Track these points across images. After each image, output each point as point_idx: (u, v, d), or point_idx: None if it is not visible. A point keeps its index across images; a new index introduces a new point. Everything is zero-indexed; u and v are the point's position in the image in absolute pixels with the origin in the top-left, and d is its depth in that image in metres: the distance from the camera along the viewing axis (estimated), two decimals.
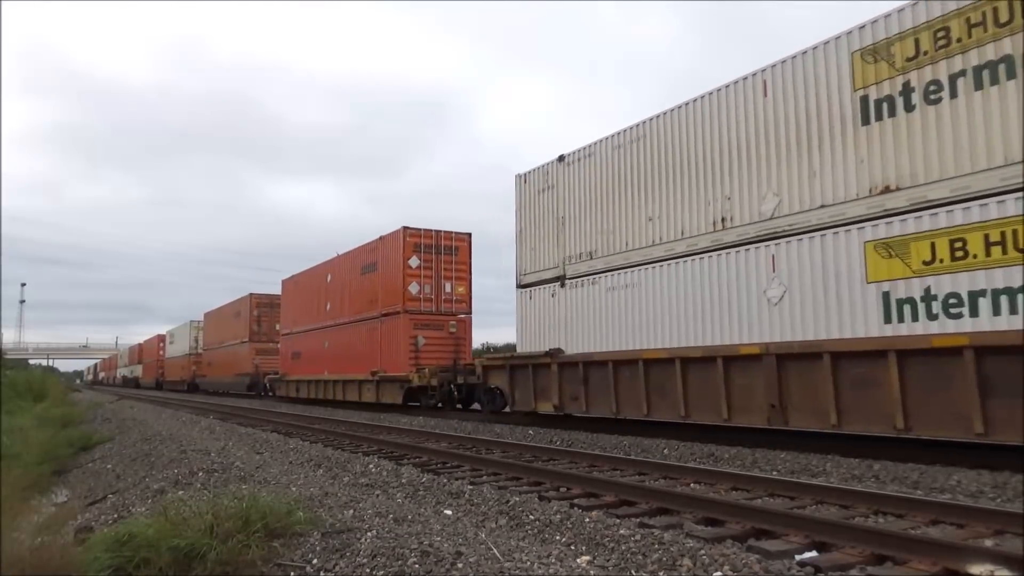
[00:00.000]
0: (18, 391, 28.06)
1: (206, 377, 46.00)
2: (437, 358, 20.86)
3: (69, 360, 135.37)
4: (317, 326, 27.52)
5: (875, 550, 4.68)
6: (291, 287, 31.70)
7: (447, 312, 21.98)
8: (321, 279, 27.73)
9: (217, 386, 43.23)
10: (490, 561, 4.30)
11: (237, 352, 38.86)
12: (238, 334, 38.99)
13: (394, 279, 21.70)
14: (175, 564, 4.61)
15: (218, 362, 43.30)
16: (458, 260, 22.36)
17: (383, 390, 21.70)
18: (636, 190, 13.09)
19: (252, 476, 7.99)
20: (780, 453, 9.51)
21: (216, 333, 44.42)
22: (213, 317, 45.90)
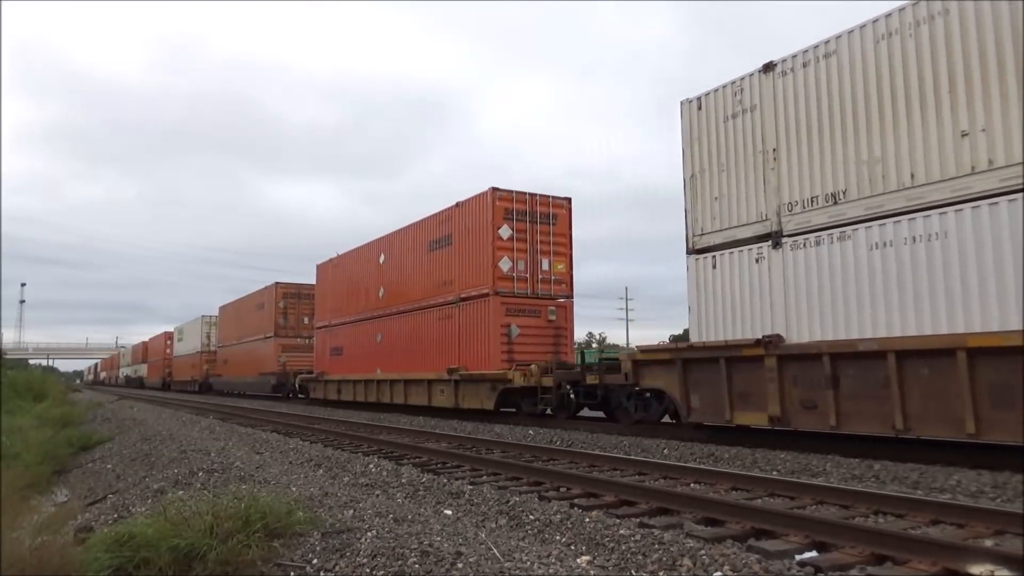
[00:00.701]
0: (18, 391, 28.06)
1: (221, 377, 42.30)
2: (533, 352, 16.99)
3: (69, 360, 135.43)
4: (365, 316, 23.61)
5: (875, 550, 4.67)
6: (329, 272, 27.31)
7: (544, 295, 17.90)
8: (370, 261, 23.73)
9: (235, 387, 39.73)
10: (490, 561, 4.30)
11: (260, 349, 34.98)
12: (261, 328, 35.09)
13: (480, 253, 17.68)
14: (175, 564, 4.62)
15: (236, 360, 39.30)
16: (556, 231, 18.27)
17: (465, 392, 17.66)
18: (931, 94, 8.87)
19: (252, 476, 7.99)
20: (780, 453, 9.51)
21: (234, 328, 40.34)
22: (230, 311, 42.04)
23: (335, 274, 26.85)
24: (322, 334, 27.37)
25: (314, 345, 28.83)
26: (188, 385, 49.43)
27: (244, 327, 38.09)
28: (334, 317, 26.32)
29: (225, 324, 43.05)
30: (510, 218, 17.49)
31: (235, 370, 39.38)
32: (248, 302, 38.23)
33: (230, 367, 40.57)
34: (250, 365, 36.35)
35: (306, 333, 32.56)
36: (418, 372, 19.88)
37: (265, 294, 35.33)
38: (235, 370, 39.38)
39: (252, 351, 36.23)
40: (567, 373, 15.16)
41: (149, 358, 65.45)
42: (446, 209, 19.46)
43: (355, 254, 25.20)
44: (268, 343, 33.88)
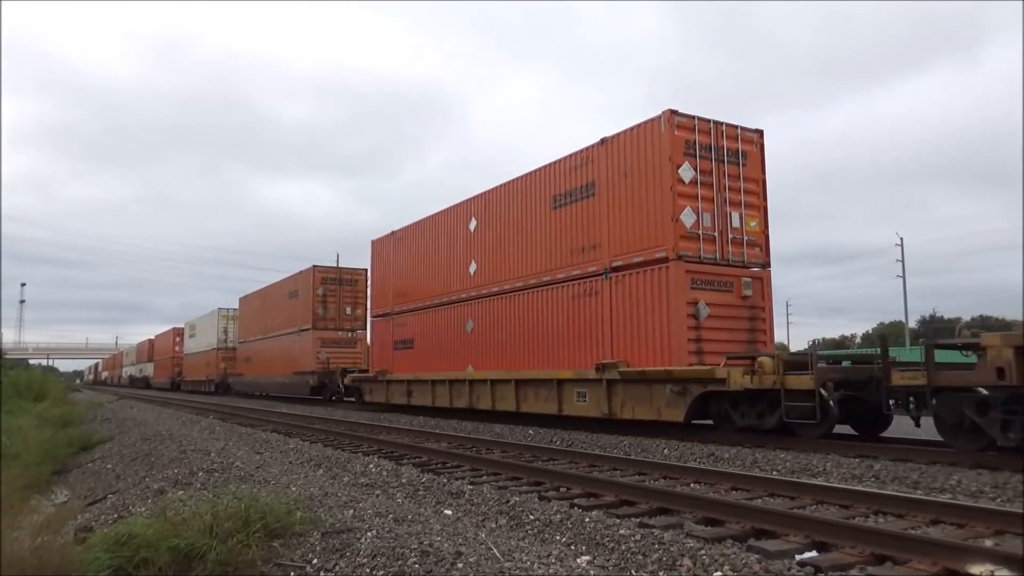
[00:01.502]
0: (18, 391, 28.07)
1: (243, 376, 37.42)
2: (725, 341, 12.20)
3: (68, 360, 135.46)
4: (448, 300, 18.69)
5: (875, 550, 4.68)
6: (390, 249, 22.24)
7: (736, 262, 12.72)
8: (453, 230, 18.83)
9: (261, 387, 34.91)
10: (490, 561, 4.30)
11: (294, 344, 29.92)
12: (295, 320, 30.11)
13: (650, 203, 12.58)
14: (175, 564, 4.62)
15: (262, 357, 34.40)
16: (747, 174, 13.08)
17: (625, 397, 12.67)
18: None
19: (252, 476, 7.99)
20: (780, 453, 9.51)
21: (258, 321, 35.44)
22: (254, 301, 37.06)
23: (399, 251, 21.75)
24: (381, 325, 22.56)
25: (369, 338, 24.54)
26: (202, 385, 45.24)
27: (272, 319, 33.23)
28: (399, 303, 21.43)
29: (247, 317, 37.94)
30: (691, 154, 12.46)
31: (261, 368, 34.51)
32: (277, 291, 33.19)
33: (254, 365, 35.66)
34: (280, 363, 31.41)
35: (348, 325, 28.93)
36: (539, 370, 14.87)
37: (300, 280, 30.18)
38: (261, 368, 34.51)
39: (283, 347, 31.31)
40: (834, 370, 10.49)
41: (156, 356, 61.89)
42: (583, 150, 14.30)
43: (429, 224, 20.17)
44: (305, 337, 28.81)
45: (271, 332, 33.37)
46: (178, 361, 52.99)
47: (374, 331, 23.56)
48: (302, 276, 30.16)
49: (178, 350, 53.33)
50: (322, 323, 28.72)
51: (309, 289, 29.04)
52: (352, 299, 29.47)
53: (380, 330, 22.86)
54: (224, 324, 42.61)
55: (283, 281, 32.88)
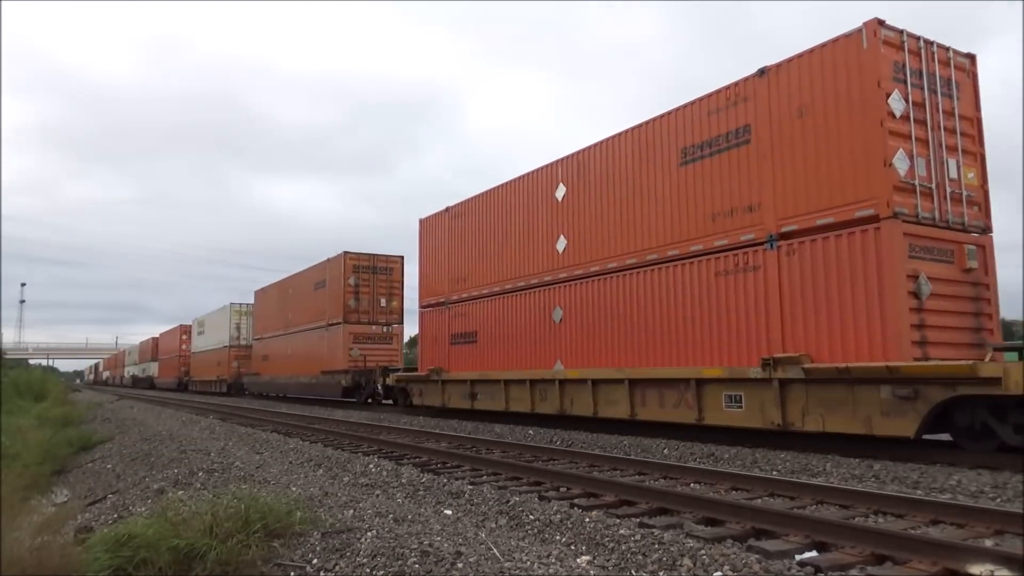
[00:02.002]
0: (18, 391, 28.08)
1: (260, 376, 34.57)
2: (948, 328, 9.39)
3: (68, 360, 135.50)
4: (527, 284, 15.77)
5: (875, 550, 4.68)
6: (444, 227, 19.36)
7: (956, 224, 9.84)
8: (532, 200, 15.89)
9: (281, 388, 31.81)
10: (490, 561, 4.30)
11: (322, 340, 26.76)
12: (322, 313, 27.04)
13: (851, 141, 9.61)
14: (175, 564, 4.62)
15: (282, 355, 31.38)
16: (962, 111, 10.24)
17: (811, 401, 9.71)
18: None
19: (252, 476, 7.99)
20: (780, 453, 9.51)
21: (277, 315, 32.48)
22: (272, 295, 34.19)
23: (457, 229, 18.85)
24: (434, 315, 19.44)
25: (417, 330, 20.78)
26: (212, 386, 42.23)
27: (295, 313, 30.25)
28: (457, 290, 18.57)
29: (264, 312, 35.00)
30: (901, 79, 9.60)
31: (281, 368, 31.38)
32: (301, 282, 30.02)
33: (273, 364, 32.64)
34: (305, 361, 28.31)
35: (383, 319, 26.09)
36: (669, 368, 11.92)
37: (328, 268, 26.93)
38: (281, 368, 31.38)
39: (308, 343, 28.19)
40: None
41: (160, 355, 58.96)
42: (728, 87, 11.38)
43: (498, 195, 17.29)
44: (335, 332, 25.66)
45: (293, 327, 30.12)
46: (185, 360, 50.36)
47: (424, 323, 19.96)
48: (331, 264, 26.73)
49: (185, 348, 50.77)
50: (354, 316, 25.44)
51: (339, 278, 25.66)
52: (387, 290, 26.31)
53: (432, 321, 19.50)
54: (237, 320, 39.38)
55: (308, 271, 29.39)
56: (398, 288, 26.91)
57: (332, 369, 25.64)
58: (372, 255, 26.40)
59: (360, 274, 26.00)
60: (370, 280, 26.21)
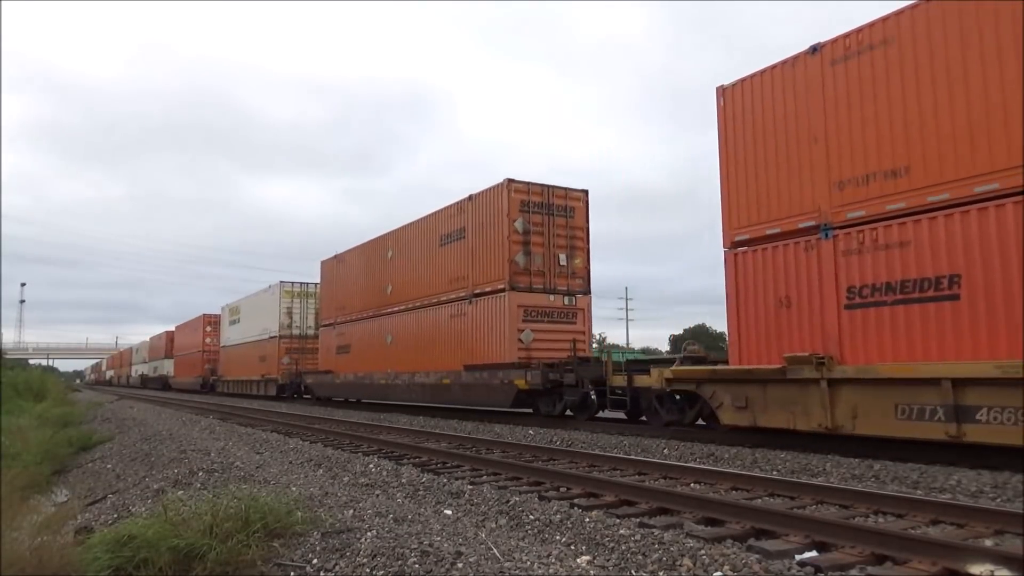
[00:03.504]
0: (18, 391, 28.08)
1: (335, 376, 24.99)
2: None
3: (68, 360, 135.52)
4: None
5: (875, 550, 4.67)
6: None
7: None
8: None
9: (378, 392, 22.20)
10: (490, 561, 4.30)
11: (461, 319, 17.98)
12: (460, 279, 18.21)
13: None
14: (175, 564, 4.62)
15: (377, 345, 22.22)
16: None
17: None
18: None
19: (252, 476, 7.99)
20: (780, 453, 9.51)
21: (363, 291, 23.60)
22: (352, 263, 24.67)
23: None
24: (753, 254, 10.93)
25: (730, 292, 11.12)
26: (252, 387, 34.36)
27: (402, 283, 21.12)
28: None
29: (339, 289, 25.57)
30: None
31: (375, 362, 22.16)
32: (412, 236, 20.76)
33: (359, 358, 23.47)
34: (425, 352, 19.32)
35: (563, 284, 16.95)
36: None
37: (475, 208, 17.75)
38: (375, 362, 22.16)
39: (434, 324, 19.17)
40: None
41: (177, 351, 51.73)
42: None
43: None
44: (492, 305, 16.83)
45: (398, 304, 21.08)
46: (211, 356, 43.00)
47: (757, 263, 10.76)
48: (484, 199, 17.45)
49: (210, 342, 43.49)
50: (523, 279, 16.37)
51: (498, 222, 16.71)
52: (567, 240, 17.06)
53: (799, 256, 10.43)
54: (288, 303, 31.62)
55: (429, 217, 19.98)
56: (582, 238, 17.41)
57: (490, 363, 16.51)
58: (545, 187, 16.97)
59: (530, 214, 16.55)
60: (545, 225, 16.74)
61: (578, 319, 17.21)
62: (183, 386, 48.18)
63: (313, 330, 30.88)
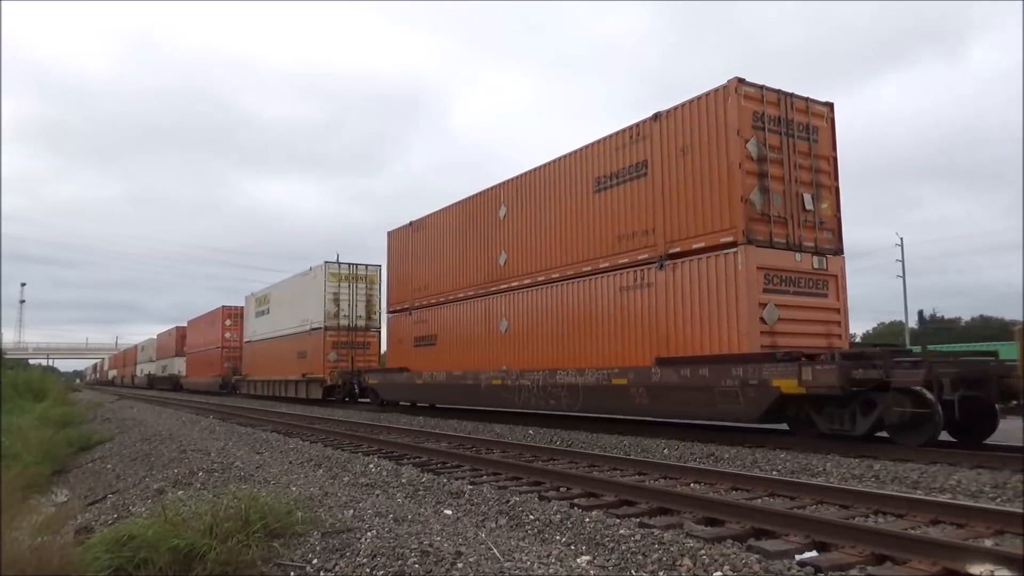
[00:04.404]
0: (18, 391, 28.08)
1: (411, 375, 19.76)
2: None
3: (68, 360, 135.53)
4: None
5: (875, 550, 4.67)
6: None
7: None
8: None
9: (481, 397, 16.79)
10: (490, 561, 4.30)
11: (651, 291, 12.54)
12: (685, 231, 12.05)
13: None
14: (175, 564, 4.62)
15: (491, 339, 16.95)
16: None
17: None
18: None
19: (252, 476, 7.99)
20: (780, 453, 9.51)
21: (452, 267, 18.78)
22: (437, 228, 19.63)
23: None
24: None
25: None
26: (288, 388, 29.20)
27: (533, 248, 15.80)
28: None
29: (419, 263, 20.38)
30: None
31: (477, 358, 17.31)
32: (545, 182, 15.61)
33: (452, 352, 18.44)
34: (593, 342, 13.83)
35: (808, 238, 11.74)
36: None
37: (684, 121, 12.22)
38: (477, 358, 17.31)
39: (592, 304, 13.93)
40: None
41: (190, 348, 47.57)
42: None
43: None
44: (726, 262, 11.26)
45: (524, 276, 15.92)
46: (232, 352, 38.80)
47: None
48: (687, 114, 12.22)
49: (230, 337, 39.17)
50: (762, 230, 11.22)
51: (725, 144, 11.44)
52: (811, 174, 11.96)
53: None
54: (335, 288, 26.46)
55: (571, 156, 14.81)
56: (829, 172, 12.30)
57: (712, 355, 11.30)
58: (781, 94, 11.86)
59: (765, 133, 11.48)
60: (784, 151, 11.66)
61: (830, 290, 11.94)
62: (198, 387, 43.44)
63: (364, 320, 26.89)
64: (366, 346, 26.53)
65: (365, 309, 27.26)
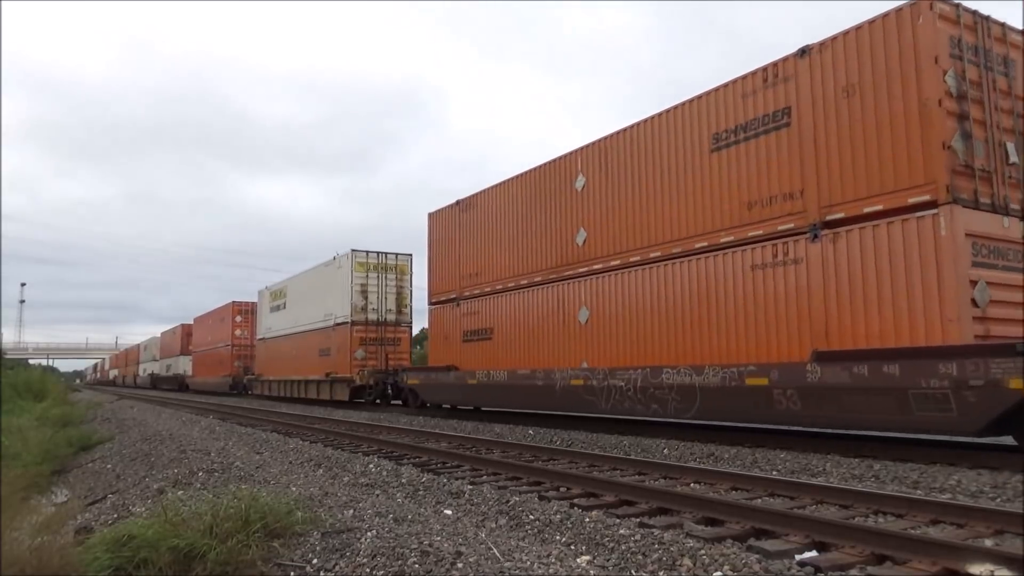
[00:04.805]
0: (18, 391, 28.09)
1: (462, 374, 17.40)
2: None
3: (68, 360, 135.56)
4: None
5: (875, 550, 4.67)
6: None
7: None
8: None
9: (553, 400, 14.39)
10: (490, 561, 4.30)
11: (800, 268, 10.10)
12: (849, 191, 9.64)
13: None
14: (175, 564, 4.62)
15: (566, 331, 14.35)
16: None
17: None
18: None
19: (252, 476, 7.99)
20: (780, 453, 9.51)
21: (512, 249, 16.37)
22: (492, 206, 17.28)
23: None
24: None
25: None
26: (310, 389, 26.83)
27: (625, 223, 13.33)
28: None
29: (468, 246, 18.04)
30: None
31: (546, 354, 14.93)
32: (638, 143, 13.16)
33: (513, 347, 16.04)
34: (714, 334, 11.33)
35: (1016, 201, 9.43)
36: None
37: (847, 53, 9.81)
38: (546, 354, 14.93)
39: (709, 287, 11.49)
40: None
41: (196, 347, 45.37)
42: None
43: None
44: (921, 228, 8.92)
45: (610, 257, 13.58)
46: (243, 351, 36.93)
47: None
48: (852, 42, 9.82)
49: (241, 335, 37.32)
50: (966, 186, 9.05)
51: (914, 75, 9.11)
52: (1012, 118, 9.81)
53: None
54: (362, 279, 24.20)
55: (677, 110, 12.48)
56: None
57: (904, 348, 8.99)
58: (977, 16, 9.65)
59: (964, 63, 9.28)
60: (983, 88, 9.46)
61: None
62: (206, 387, 41.34)
63: (394, 314, 24.66)
64: (396, 342, 24.33)
65: (395, 302, 24.88)
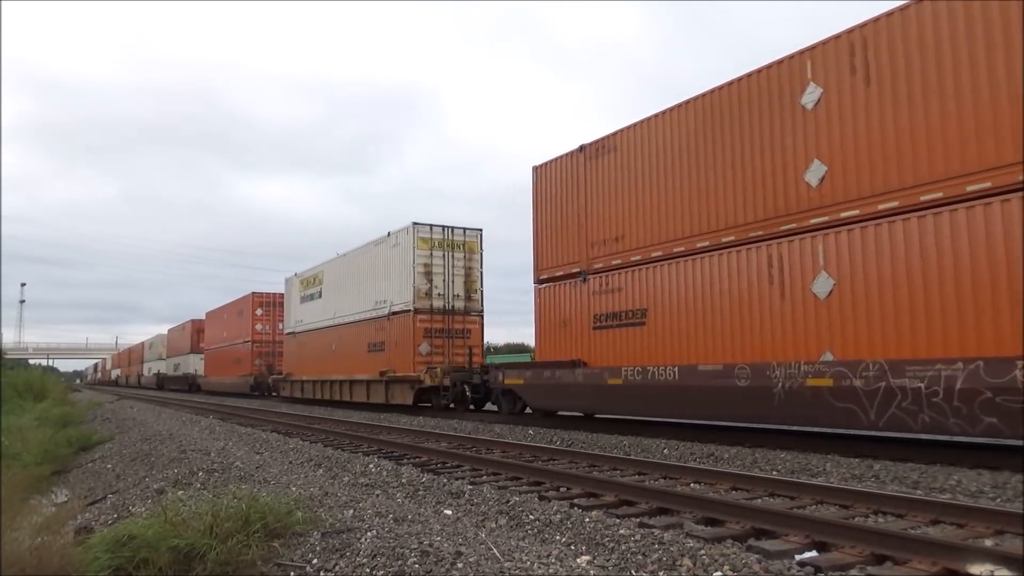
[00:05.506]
0: (18, 391, 28.10)
1: (595, 373, 13.34)
2: None
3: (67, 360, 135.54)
4: None
5: (875, 550, 4.67)
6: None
7: None
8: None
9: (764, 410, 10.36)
10: (490, 561, 4.30)
11: None
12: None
13: None
14: (175, 564, 4.62)
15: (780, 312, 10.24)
16: None
17: None
18: None
19: (252, 476, 7.99)
20: (780, 453, 9.51)
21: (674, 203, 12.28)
22: (637, 146, 13.15)
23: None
24: None
25: None
26: (358, 391, 22.56)
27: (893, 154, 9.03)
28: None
29: (596, 203, 14.11)
30: None
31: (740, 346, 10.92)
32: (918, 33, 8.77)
33: (675, 338, 12.12)
34: None
35: None
36: None
37: None
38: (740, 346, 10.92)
39: None
40: None
41: (209, 345, 41.65)
42: None
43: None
44: None
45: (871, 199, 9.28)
46: (265, 347, 33.47)
47: None
48: None
49: (262, 329, 33.75)
50: None
51: None
52: None
53: None
54: (426, 258, 20.03)
55: None
56: None
57: None
58: None
59: None
60: None
61: None
62: (223, 388, 37.18)
63: (463, 300, 20.36)
64: (466, 334, 20.16)
65: (464, 286, 20.54)
